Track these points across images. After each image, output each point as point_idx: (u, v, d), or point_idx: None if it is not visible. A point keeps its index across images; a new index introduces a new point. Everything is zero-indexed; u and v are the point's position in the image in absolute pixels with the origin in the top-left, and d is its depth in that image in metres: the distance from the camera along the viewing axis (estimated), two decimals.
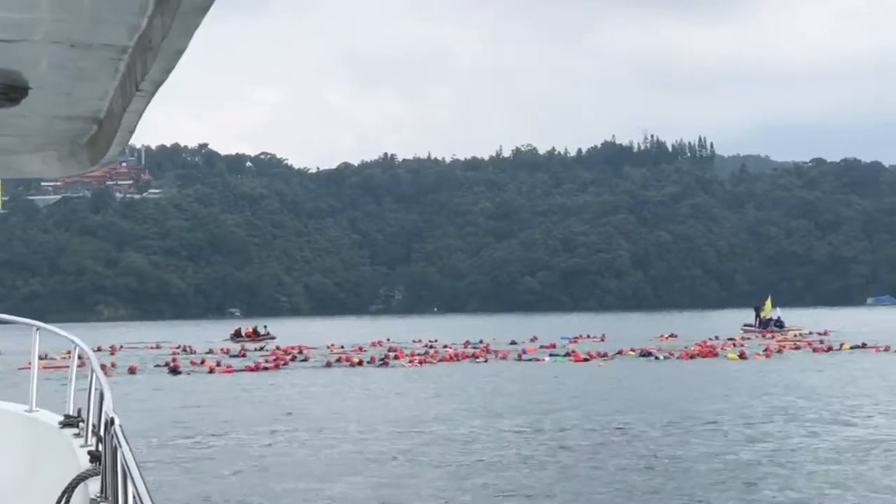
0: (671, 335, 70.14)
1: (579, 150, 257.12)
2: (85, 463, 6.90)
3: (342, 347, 65.55)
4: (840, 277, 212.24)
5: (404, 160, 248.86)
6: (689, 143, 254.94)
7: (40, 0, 3.94)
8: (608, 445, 23.96)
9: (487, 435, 26.40)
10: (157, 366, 55.30)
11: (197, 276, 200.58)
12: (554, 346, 62.14)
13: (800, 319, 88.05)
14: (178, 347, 69.93)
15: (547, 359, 55.17)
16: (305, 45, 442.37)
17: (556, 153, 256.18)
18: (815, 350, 56.49)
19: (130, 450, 4.72)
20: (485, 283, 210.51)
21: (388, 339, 73.13)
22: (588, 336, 73.25)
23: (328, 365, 54.66)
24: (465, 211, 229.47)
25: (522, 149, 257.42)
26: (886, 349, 53.96)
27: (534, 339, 68.48)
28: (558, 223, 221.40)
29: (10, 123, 5.90)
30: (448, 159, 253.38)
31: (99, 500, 5.94)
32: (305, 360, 58.97)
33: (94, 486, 6.23)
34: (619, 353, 54.97)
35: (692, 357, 51.60)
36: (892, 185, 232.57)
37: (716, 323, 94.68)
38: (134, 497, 4.20)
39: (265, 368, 52.26)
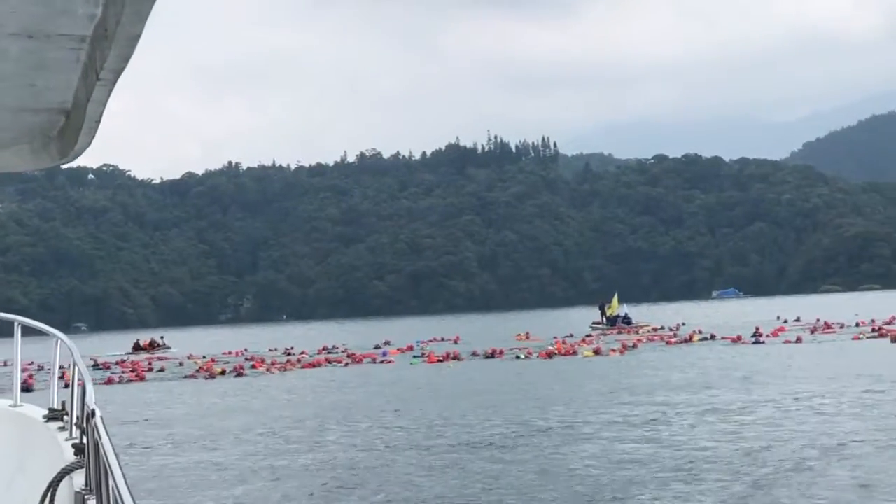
0: (526, 334, 73.66)
1: (424, 154, 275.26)
2: (70, 456, 7.36)
3: (204, 357, 66.80)
4: (685, 272, 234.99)
5: (249, 168, 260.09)
6: (533, 143, 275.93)
7: None
8: (471, 445, 24.59)
9: (350, 437, 27.25)
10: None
11: (41, 291, 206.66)
12: (410, 349, 65.54)
13: (647, 315, 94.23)
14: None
15: (392, 361, 57.71)
16: (147, 55, 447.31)
17: (400, 157, 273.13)
18: (668, 343, 60.41)
19: (111, 442, 5.16)
20: (333, 289, 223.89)
21: (246, 350, 75.28)
22: (442, 339, 76.99)
23: (191, 377, 55.12)
24: (312, 217, 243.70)
25: (367, 154, 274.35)
26: (738, 339, 58.39)
27: (387, 343, 71.15)
28: (405, 227, 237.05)
29: None
30: (293, 166, 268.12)
31: (84, 492, 6.42)
32: (162, 370, 59.72)
33: (78, 478, 6.72)
34: (475, 354, 57.08)
35: (551, 356, 54.08)
36: (733, 180, 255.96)
37: (566, 321, 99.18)
38: (113, 489, 4.49)
39: (129, 381, 53.05)
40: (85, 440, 6.61)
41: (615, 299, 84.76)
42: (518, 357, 54.75)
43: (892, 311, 69.04)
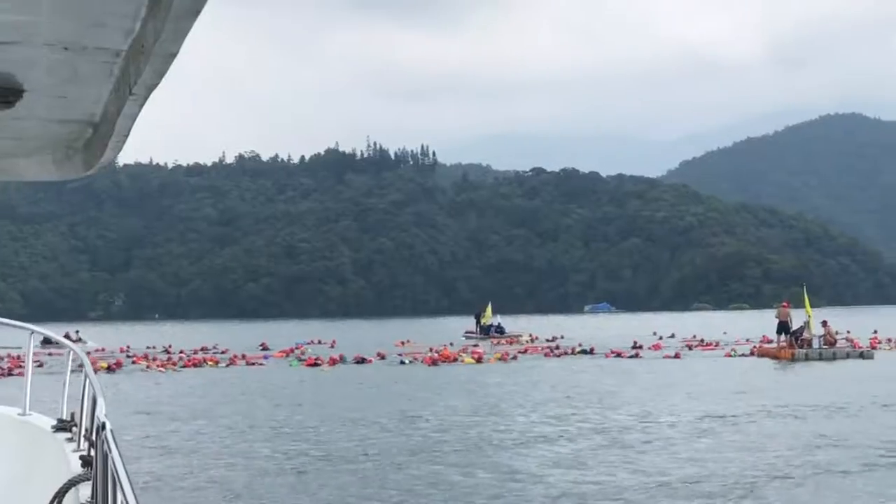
0: (406, 341, 77.23)
1: (303, 158, 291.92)
2: (77, 468, 7.82)
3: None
4: (559, 285, 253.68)
5: (126, 165, 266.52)
6: (412, 152, 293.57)
7: (40, 2, 4.42)
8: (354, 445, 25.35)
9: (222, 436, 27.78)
10: None
11: None
12: (292, 351, 68.00)
13: (521, 326, 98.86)
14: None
15: (263, 364, 60.23)
16: None
17: (279, 160, 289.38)
18: (546, 355, 62.70)
19: (121, 455, 5.37)
20: (207, 289, 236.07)
21: (129, 347, 76.08)
22: (319, 341, 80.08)
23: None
24: (188, 217, 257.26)
25: (246, 155, 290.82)
26: (618, 354, 60.74)
27: (263, 347, 73.87)
28: (282, 230, 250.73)
29: (4, 126, 6.73)
30: (171, 165, 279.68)
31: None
32: (41, 366, 57.15)
33: (84, 491, 7.16)
34: (359, 359, 58.91)
35: (435, 363, 56.41)
36: (610, 195, 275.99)
37: (441, 330, 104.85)
38: (122, 502, 4.74)
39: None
40: (93, 452, 7.05)
41: (489, 309, 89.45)
42: (403, 362, 57.39)
43: (761, 329, 72.05)
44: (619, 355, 60.15)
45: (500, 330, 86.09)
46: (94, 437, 7.06)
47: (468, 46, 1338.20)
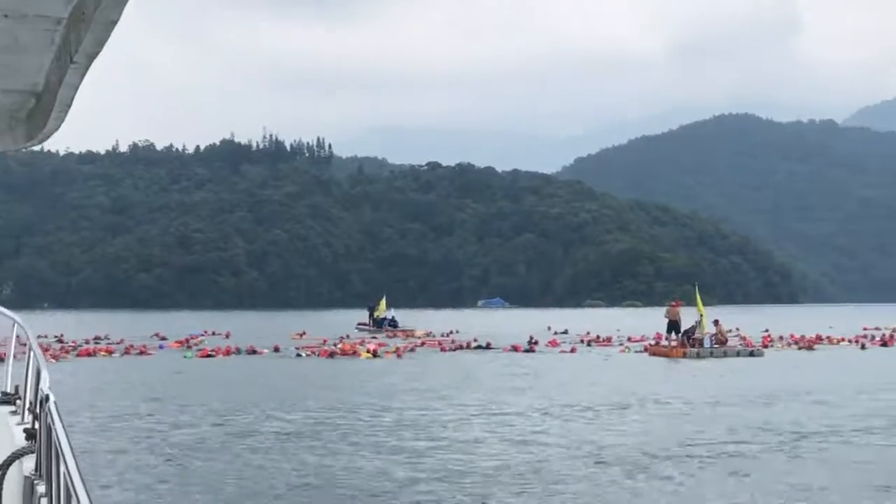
0: (302, 333, 77.70)
1: (198, 148, 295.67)
2: (21, 440, 7.97)
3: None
4: (453, 279, 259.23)
5: (15, 151, 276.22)
6: (308, 144, 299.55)
7: None
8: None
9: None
10: None
11: None
12: (186, 342, 68.77)
13: (415, 320, 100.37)
14: None
15: (151, 353, 60.12)
16: None
17: (174, 150, 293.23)
18: (443, 349, 63.39)
19: (64, 428, 5.52)
20: (98, 279, 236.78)
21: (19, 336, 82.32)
22: (213, 333, 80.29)
23: None
24: (80, 205, 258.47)
25: (140, 144, 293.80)
26: (515, 349, 61.92)
27: (159, 337, 74.31)
28: (175, 220, 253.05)
29: None
30: (62, 152, 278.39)
31: (33, 477, 6.94)
32: None
33: (28, 463, 7.27)
34: (251, 350, 59.66)
35: (332, 355, 57.11)
36: (504, 191, 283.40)
37: (335, 322, 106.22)
38: (65, 475, 4.79)
39: None
40: (37, 425, 7.18)
41: (383, 302, 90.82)
42: (299, 355, 57.90)
43: (654, 327, 73.54)
44: (515, 350, 61.67)
45: (393, 323, 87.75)
46: (37, 410, 7.28)
47: (367, 39, 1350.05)
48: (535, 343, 65.30)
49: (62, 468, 4.95)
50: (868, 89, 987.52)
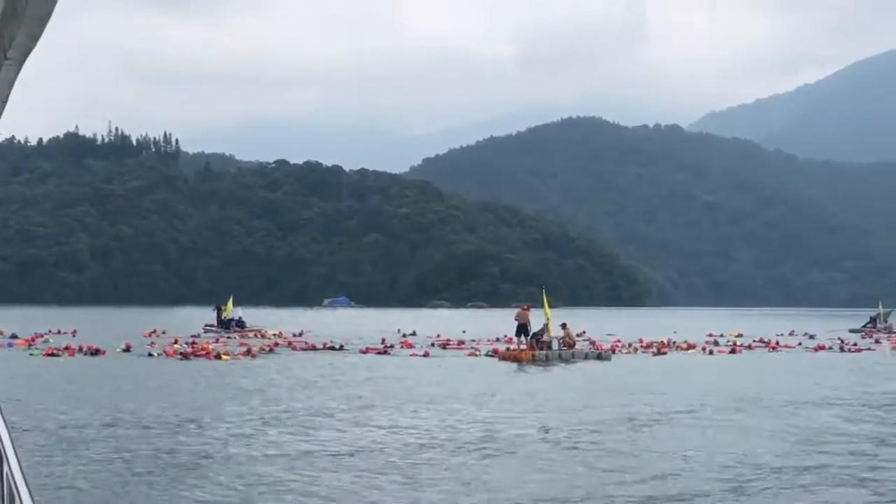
0: (154, 331, 77.74)
1: (40, 140, 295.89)
2: None
3: None
4: (299, 278, 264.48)
5: None
6: (155, 139, 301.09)
7: None
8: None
9: None
10: None
11: None
12: (34, 340, 66.97)
13: (263, 319, 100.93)
14: None
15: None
16: None
17: (15, 141, 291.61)
18: (294, 349, 64.55)
19: (7, 429, 5.67)
20: None
21: None
22: (59, 331, 77.74)
23: None
24: None
25: None
26: (366, 350, 62.98)
27: (12, 335, 70.82)
28: (16, 213, 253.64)
29: None
30: None
31: None
32: None
33: None
34: (127, 348, 59.34)
35: (187, 357, 56.14)
36: (351, 190, 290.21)
37: (180, 320, 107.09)
38: (8, 477, 4.98)
39: None
40: None
41: (230, 303, 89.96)
42: (151, 355, 57.03)
43: (502, 329, 74.52)
44: (368, 352, 62.89)
45: (240, 324, 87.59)
46: None
47: (215, 36, 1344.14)
48: (391, 346, 66.81)
49: (5, 469, 5.18)
50: (714, 95, 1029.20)
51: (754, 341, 77.73)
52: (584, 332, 77.65)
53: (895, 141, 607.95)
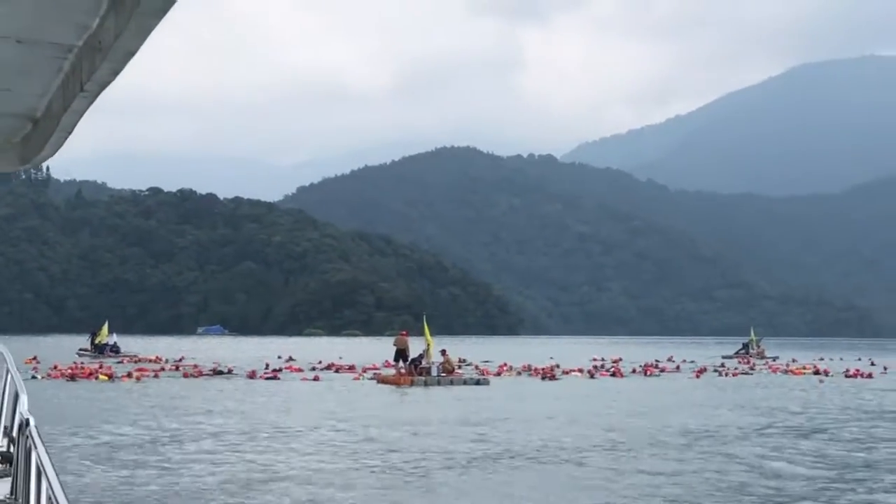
0: (34, 358, 77.08)
1: None
2: None
3: None
4: (172, 306, 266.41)
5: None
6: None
7: None
8: None
9: None
10: None
11: None
12: None
13: (137, 346, 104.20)
14: None
15: None
16: None
17: None
18: (185, 375, 65.22)
19: (46, 451, 5.84)
20: None
21: None
22: None
23: None
24: None
25: None
26: (253, 375, 64.72)
27: None
28: None
29: None
30: None
31: (9, 501, 7.36)
32: None
33: (3, 487, 7.70)
34: None
35: (74, 378, 58.39)
36: (226, 218, 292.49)
37: (52, 348, 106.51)
38: (49, 497, 5.09)
39: None
40: (13, 448, 7.62)
41: (105, 328, 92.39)
42: (34, 377, 58.32)
43: (382, 355, 77.76)
44: (253, 376, 64.59)
45: (115, 349, 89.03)
46: (14, 434, 7.80)
47: None
48: (279, 370, 69.27)
49: (45, 489, 5.40)
50: (587, 126, 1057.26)
51: (639, 366, 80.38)
52: (465, 360, 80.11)
53: (765, 171, 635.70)
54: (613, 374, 71.76)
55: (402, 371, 60.96)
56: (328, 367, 74.93)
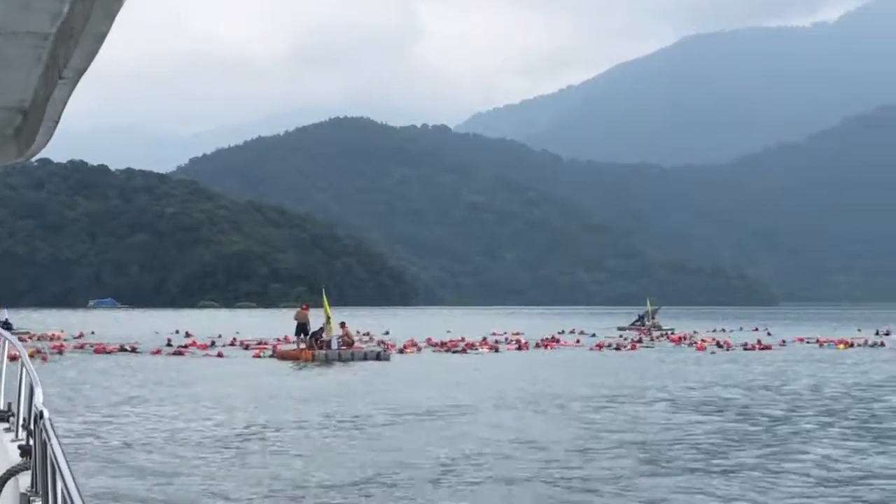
0: None
1: None
2: (16, 457, 8.28)
3: None
4: (63, 280, 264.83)
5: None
6: None
7: None
8: None
9: None
10: None
11: None
12: None
13: (33, 320, 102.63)
14: None
15: None
16: None
17: None
18: (97, 351, 64.81)
19: (59, 444, 5.75)
20: None
21: None
22: None
23: None
24: None
25: None
26: (158, 352, 64.18)
27: None
28: None
29: None
30: None
31: (29, 494, 7.19)
32: None
33: (24, 480, 7.54)
34: None
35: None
36: (118, 189, 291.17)
37: None
38: (63, 492, 5.02)
39: None
40: (31, 441, 7.45)
41: None
42: None
43: (283, 329, 76.31)
44: (158, 353, 64.36)
45: (7, 326, 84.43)
46: (31, 426, 7.63)
47: None
48: (185, 347, 68.37)
49: (59, 484, 5.33)
50: (482, 97, 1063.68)
51: (541, 340, 79.94)
52: (368, 333, 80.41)
53: (657, 141, 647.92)
54: (519, 349, 72.04)
55: (303, 345, 60.21)
56: (231, 343, 73.66)
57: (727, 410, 34.37)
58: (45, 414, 6.63)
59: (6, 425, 10.35)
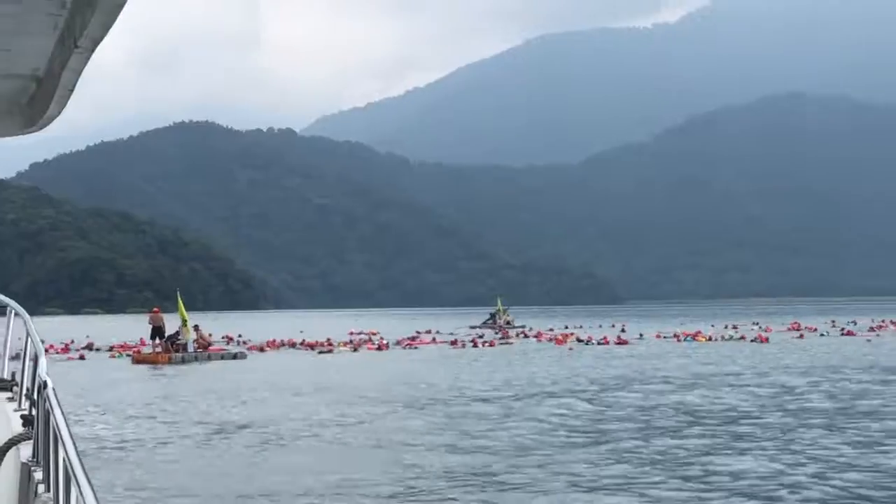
0: None
1: None
2: (18, 427, 8.40)
3: None
4: None
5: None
6: None
7: None
8: None
9: None
10: None
11: None
12: None
13: None
14: None
15: None
16: None
17: None
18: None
19: (63, 414, 5.80)
20: None
21: None
22: None
23: None
24: None
25: None
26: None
27: None
28: None
29: None
30: None
31: (31, 464, 7.28)
32: None
33: (25, 450, 7.64)
34: None
35: None
36: None
37: None
38: (64, 460, 5.08)
39: None
40: (34, 411, 7.55)
41: None
42: None
43: (138, 333, 77.17)
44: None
45: None
46: (35, 396, 7.66)
47: None
48: (46, 351, 78.21)
49: (61, 454, 5.36)
50: (328, 101, 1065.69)
51: (400, 339, 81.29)
52: (209, 335, 77.42)
53: (505, 142, 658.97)
54: (379, 348, 73.25)
55: (159, 348, 60.87)
56: (87, 347, 74.56)
57: (585, 399, 36.33)
58: (49, 384, 6.77)
59: (9, 395, 10.52)
